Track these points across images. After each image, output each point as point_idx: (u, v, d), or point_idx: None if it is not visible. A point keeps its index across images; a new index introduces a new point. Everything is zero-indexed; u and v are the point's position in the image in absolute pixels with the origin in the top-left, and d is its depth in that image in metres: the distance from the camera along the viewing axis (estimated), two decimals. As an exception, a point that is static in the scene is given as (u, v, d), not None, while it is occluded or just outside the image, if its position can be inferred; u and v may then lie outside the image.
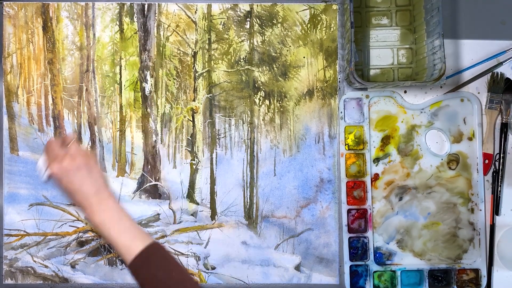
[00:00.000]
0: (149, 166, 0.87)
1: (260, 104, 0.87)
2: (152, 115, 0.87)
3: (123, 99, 0.87)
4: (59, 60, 0.87)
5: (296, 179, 0.87)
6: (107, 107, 0.87)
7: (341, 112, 0.86)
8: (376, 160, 0.86)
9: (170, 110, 0.87)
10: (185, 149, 0.87)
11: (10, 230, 0.86)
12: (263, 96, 0.88)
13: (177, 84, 0.88)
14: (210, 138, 0.87)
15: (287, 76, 0.88)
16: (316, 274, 0.86)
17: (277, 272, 0.86)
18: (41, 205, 0.86)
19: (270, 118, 0.87)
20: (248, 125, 0.87)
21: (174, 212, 0.87)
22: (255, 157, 0.87)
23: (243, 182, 0.87)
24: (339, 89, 0.88)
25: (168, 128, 0.88)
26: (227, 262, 0.86)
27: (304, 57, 0.88)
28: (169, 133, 0.88)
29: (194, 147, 0.87)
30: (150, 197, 0.87)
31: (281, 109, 0.87)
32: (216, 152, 0.87)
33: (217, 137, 0.87)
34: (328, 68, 0.88)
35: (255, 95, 0.87)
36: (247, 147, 0.87)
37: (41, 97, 0.87)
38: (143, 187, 0.87)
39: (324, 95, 0.87)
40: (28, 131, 0.87)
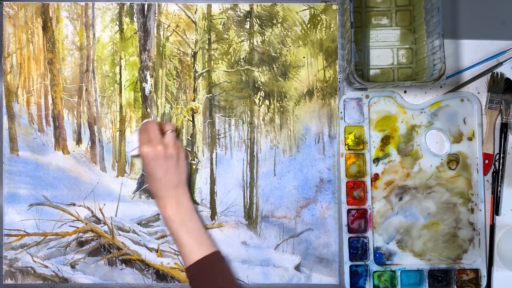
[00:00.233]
0: (149, 166, 0.87)
1: (260, 104, 0.87)
2: (152, 115, 0.87)
3: (123, 99, 0.87)
4: (59, 60, 0.87)
5: (296, 179, 0.87)
6: (107, 107, 0.87)
7: (341, 112, 0.86)
8: (376, 160, 0.86)
9: (170, 110, 0.87)
10: (185, 149, 0.87)
11: (10, 230, 0.86)
12: (263, 96, 0.88)
13: (177, 84, 0.88)
14: (210, 138, 0.87)
15: (287, 76, 0.88)
16: (316, 274, 0.86)
17: (277, 272, 0.86)
18: (41, 205, 0.86)
19: (270, 118, 0.87)
20: (248, 125, 0.87)
21: (174, 212, 0.87)
22: (255, 157, 0.87)
23: (243, 182, 0.87)
24: (339, 89, 0.88)
25: (168, 128, 0.87)
26: (227, 262, 0.86)
27: (304, 57, 0.88)
28: (169, 133, 0.87)
29: (194, 147, 0.87)
30: (150, 197, 0.87)
31: (281, 109, 0.87)
32: (216, 152, 0.87)
33: (217, 137, 0.87)
34: (328, 68, 0.88)
35: (255, 95, 0.87)
36: (247, 147, 0.87)
37: (41, 97, 0.87)
38: (143, 187, 0.87)
39: (324, 95, 0.87)
40: (28, 131, 0.87)
